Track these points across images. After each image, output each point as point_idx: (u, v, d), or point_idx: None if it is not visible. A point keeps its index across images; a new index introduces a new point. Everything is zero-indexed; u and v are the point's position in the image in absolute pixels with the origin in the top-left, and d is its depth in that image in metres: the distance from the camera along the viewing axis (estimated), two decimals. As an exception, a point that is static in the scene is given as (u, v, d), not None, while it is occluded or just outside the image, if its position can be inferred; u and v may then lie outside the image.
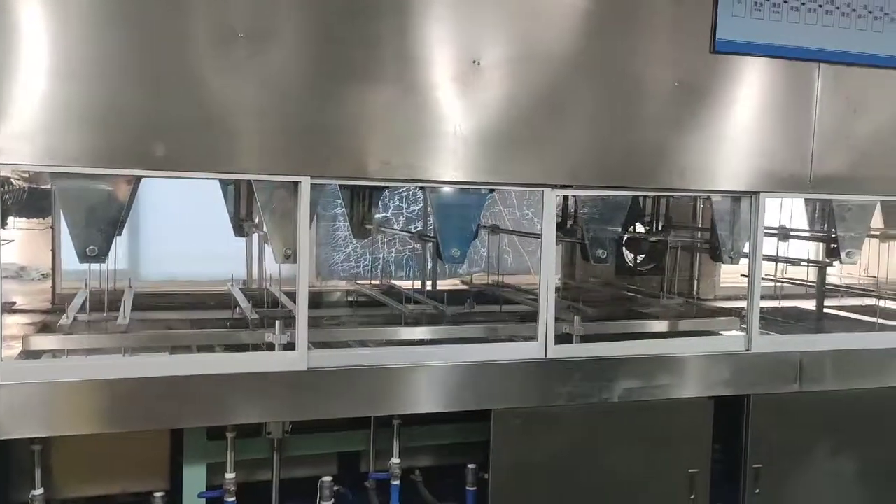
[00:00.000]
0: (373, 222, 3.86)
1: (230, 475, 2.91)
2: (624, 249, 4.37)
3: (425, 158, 2.79)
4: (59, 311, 3.35)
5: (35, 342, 2.85)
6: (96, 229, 2.56)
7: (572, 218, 4.05)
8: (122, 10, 2.46)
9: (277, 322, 2.78)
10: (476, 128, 2.81)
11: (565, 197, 3.79)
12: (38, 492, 2.74)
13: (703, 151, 3.10)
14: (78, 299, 3.38)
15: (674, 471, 3.16)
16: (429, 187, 2.99)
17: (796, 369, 3.28)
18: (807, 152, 3.20)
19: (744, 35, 3.05)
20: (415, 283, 4.33)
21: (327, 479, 2.95)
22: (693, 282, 4.61)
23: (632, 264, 4.41)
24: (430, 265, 4.32)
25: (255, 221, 3.43)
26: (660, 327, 3.52)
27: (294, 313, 2.77)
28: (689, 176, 3.09)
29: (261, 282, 4.02)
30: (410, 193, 4.52)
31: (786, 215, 4.11)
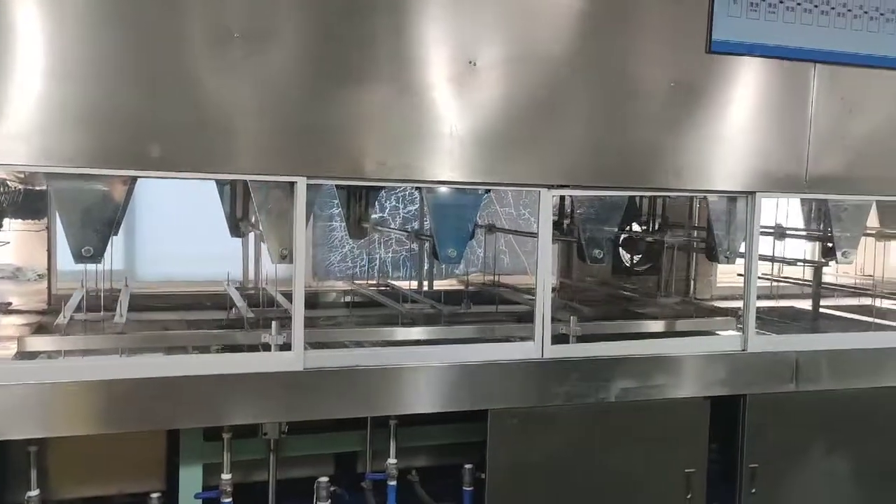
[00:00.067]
0: (369, 222, 3.86)
1: (226, 476, 2.91)
2: (620, 249, 4.37)
3: (421, 159, 2.79)
4: (54, 312, 3.35)
5: (31, 343, 2.85)
6: (92, 230, 2.55)
7: (569, 217, 4.05)
8: (118, 11, 2.46)
9: (274, 322, 2.77)
10: (472, 128, 2.81)
11: (562, 197, 3.79)
12: (34, 493, 2.73)
13: (699, 151, 3.10)
14: (74, 299, 3.38)
15: (670, 470, 3.17)
16: (425, 187, 2.99)
17: (792, 369, 3.28)
18: (802, 152, 3.21)
19: (739, 35, 3.05)
20: (411, 283, 4.33)
21: (324, 479, 2.95)
22: (689, 282, 4.62)
23: (628, 264, 4.41)
24: (426, 265, 4.31)
25: (251, 221, 3.43)
26: (656, 327, 3.52)
27: (290, 313, 2.76)
28: (686, 176, 3.10)
29: (257, 282, 4.01)
30: (407, 194, 4.52)
31: (782, 215, 4.11)
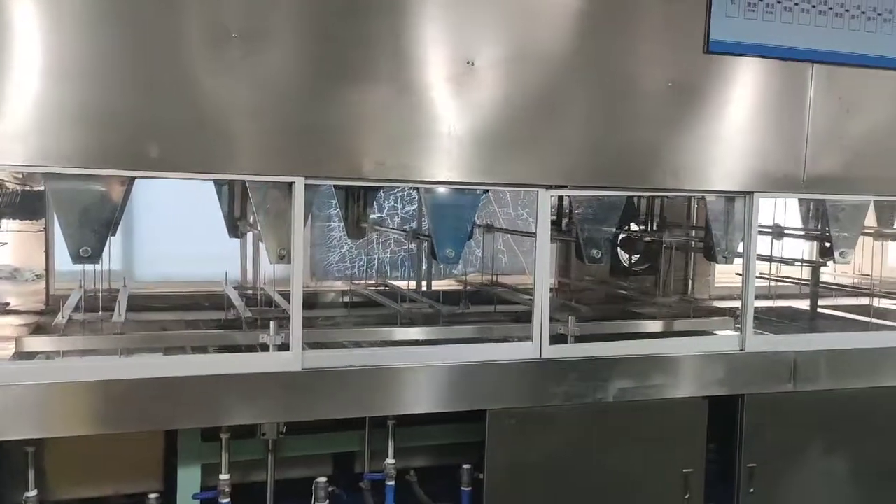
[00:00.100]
0: (367, 222, 3.86)
1: (224, 476, 2.91)
2: (619, 249, 4.37)
3: (420, 159, 2.79)
4: (52, 313, 3.35)
5: (28, 343, 2.84)
6: (89, 230, 2.55)
7: (567, 217, 4.05)
8: (116, 10, 2.45)
9: (272, 323, 2.77)
10: (470, 128, 2.81)
11: (560, 197, 3.79)
12: (32, 493, 2.73)
13: (696, 151, 3.10)
14: (73, 299, 3.37)
15: (668, 470, 3.17)
16: (423, 188, 2.99)
17: (790, 369, 3.29)
18: (800, 152, 3.21)
19: (737, 35, 3.05)
20: (410, 283, 4.33)
21: (322, 479, 2.95)
22: (688, 281, 4.62)
23: (626, 264, 4.41)
24: (425, 265, 4.31)
25: (249, 221, 3.43)
26: (654, 327, 3.52)
27: (288, 313, 2.76)
28: (683, 176, 3.10)
29: (255, 282, 4.01)
30: (405, 194, 4.51)
31: (780, 214, 4.11)
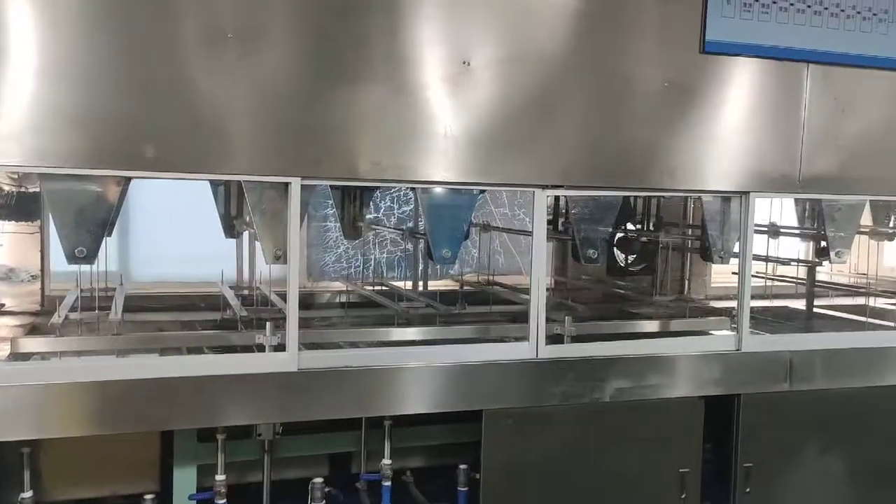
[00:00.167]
0: (364, 223, 3.86)
1: (220, 477, 2.90)
2: (615, 249, 4.38)
3: (416, 159, 2.79)
4: (48, 313, 3.34)
5: (24, 344, 2.84)
6: (85, 231, 2.54)
7: (563, 216, 4.04)
8: (111, 11, 2.45)
9: (268, 323, 2.77)
10: (466, 128, 2.81)
11: (556, 196, 3.79)
12: (28, 494, 2.73)
13: (693, 151, 3.11)
14: (69, 298, 3.37)
15: (665, 470, 3.17)
16: (419, 188, 2.99)
17: (786, 369, 3.29)
18: (796, 152, 3.21)
19: (733, 35, 3.06)
20: (406, 283, 4.33)
21: (318, 480, 2.95)
22: (684, 281, 4.62)
23: (623, 264, 4.42)
24: (421, 265, 4.31)
25: (245, 220, 3.42)
26: (651, 327, 3.53)
27: (285, 313, 2.76)
28: (680, 176, 3.10)
29: (251, 282, 4.00)
30: (402, 194, 4.51)
31: (776, 214, 4.12)
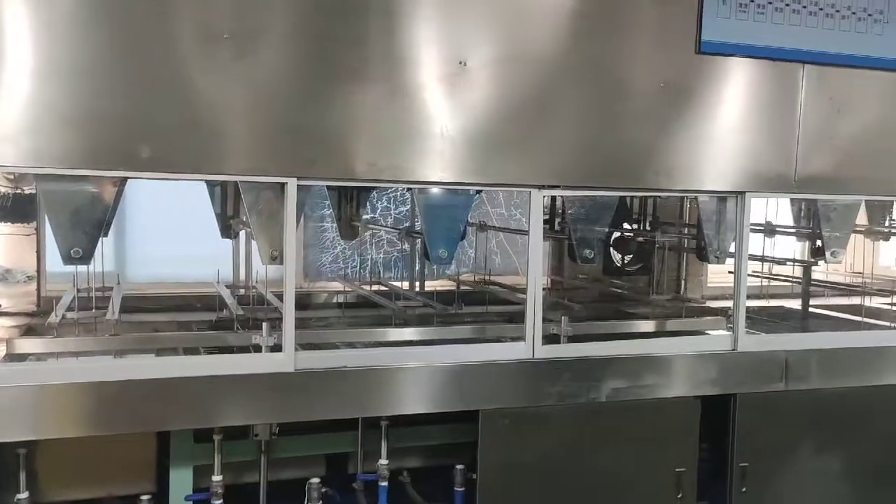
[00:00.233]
0: (360, 223, 3.86)
1: (217, 478, 2.90)
2: (612, 249, 4.38)
3: (412, 159, 2.79)
4: (44, 314, 3.33)
5: (19, 345, 2.84)
6: (81, 231, 2.54)
7: (560, 215, 4.05)
8: (107, 10, 2.45)
9: (264, 324, 2.77)
10: (463, 129, 2.81)
11: (553, 196, 3.80)
12: (23, 496, 2.71)
13: (689, 152, 3.11)
14: (66, 298, 3.36)
15: (661, 470, 3.17)
16: (416, 188, 2.99)
17: (782, 368, 3.30)
18: (791, 153, 3.22)
19: (729, 36, 3.06)
20: (403, 283, 4.33)
21: (315, 480, 2.95)
22: (680, 281, 4.63)
23: (619, 264, 4.42)
24: (418, 265, 4.31)
25: (242, 219, 3.42)
26: (647, 327, 3.53)
27: (281, 313, 2.76)
28: (676, 176, 3.11)
29: (247, 282, 4.00)
30: (398, 194, 4.51)
31: (772, 214, 4.13)
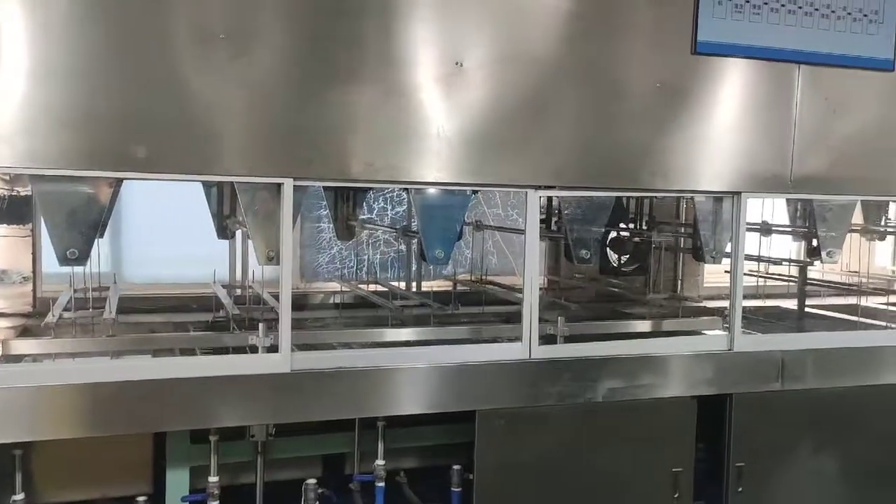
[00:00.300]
0: (357, 223, 3.86)
1: (214, 478, 2.90)
2: (608, 249, 4.38)
3: (409, 160, 2.79)
4: (39, 315, 3.33)
5: (15, 346, 2.83)
6: (77, 232, 2.53)
7: (556, 216, 4.05)
8: (103, 10, 2.44)
9: (261, 324, 2.77)
10: (459, 129, 2.81)
11: (549, 197, 3.80)
12: (19, 497, 2.71)
13: (685, 152, 3.11)
14: (63, 298, 3.35)
15: (657, 470, 3.18)
16: (412, 189, 2.99)
17: (778, 368, 3.30)
18: (787, 153, 3.23)
19: (724, 36, 3.07)
20: (400, 283, 4.33)
21: (312, 481, 2.95)
22: (677, 281, 4.63)
23: (616, 264, 4.42)
24: (414, 266, 4.31)
25: (238, 219, 3.41)
26: (643, 327, 3.54)
27: (277, 311, 2.75)
28: (672, 176, 3.11)
29: (244, 282, 4.00)
30: (395, 195, 4.51)
31: (767, 213, 4.14)
